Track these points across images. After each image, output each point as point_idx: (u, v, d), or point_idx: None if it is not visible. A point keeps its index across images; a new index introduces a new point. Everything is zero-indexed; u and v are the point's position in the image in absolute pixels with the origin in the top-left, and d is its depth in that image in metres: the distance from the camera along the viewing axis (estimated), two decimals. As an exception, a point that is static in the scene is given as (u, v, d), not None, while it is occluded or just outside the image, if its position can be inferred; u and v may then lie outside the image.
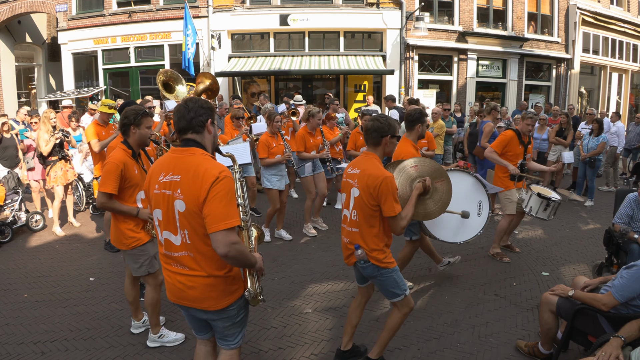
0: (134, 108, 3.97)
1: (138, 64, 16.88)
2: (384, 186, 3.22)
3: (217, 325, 2.72)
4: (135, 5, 16.40)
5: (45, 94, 17.75)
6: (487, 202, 5.24)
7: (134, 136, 3.91)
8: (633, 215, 5.05)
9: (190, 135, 2.57)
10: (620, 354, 2.85)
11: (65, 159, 7.43)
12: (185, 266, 2.57)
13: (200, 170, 2.43)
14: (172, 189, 2.50)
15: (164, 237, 2.62)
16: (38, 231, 7.50)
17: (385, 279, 3.46)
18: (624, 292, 3.27)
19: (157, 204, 2.60)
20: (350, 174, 3.50)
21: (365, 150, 3.57)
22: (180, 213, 2.49)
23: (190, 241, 2.51)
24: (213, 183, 2.38)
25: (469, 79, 16.85)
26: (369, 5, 15.78)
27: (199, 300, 2.59)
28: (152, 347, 4.12)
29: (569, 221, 8.27)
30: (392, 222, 3.35)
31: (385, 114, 4.35)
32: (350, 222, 3.49)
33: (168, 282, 2.69)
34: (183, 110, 2.57)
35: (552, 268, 6.06)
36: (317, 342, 4.25)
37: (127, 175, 3.80)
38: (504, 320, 4.66)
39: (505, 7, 17.15)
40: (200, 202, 2.40)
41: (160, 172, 2.58)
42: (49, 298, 5.13)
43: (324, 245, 6.77)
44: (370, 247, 3.39)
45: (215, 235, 2.35)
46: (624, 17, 19.07)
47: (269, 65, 15.09)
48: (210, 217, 2.36)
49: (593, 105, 19.06)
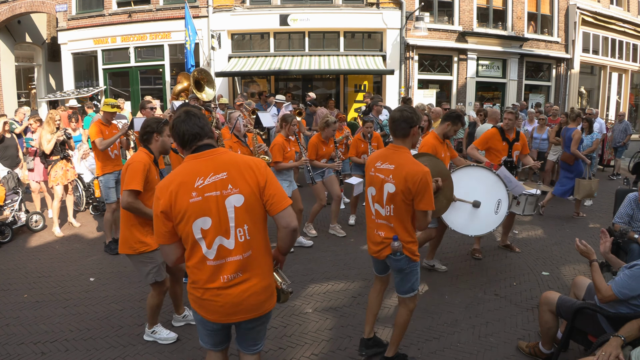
0: (155, 118, 4.24)
1: (138, 64, 16.86)
2: (424, 181, 3.25)
3: (255, 331, 2.73)
4: (135, 5, 16.38)
5: (45, 94, 17.75)
6: (506, 201, 5.30)
7: (156, 143, 4.05)
8: (633, 215, 5.05)
9: (207, 141, 2.59)
10: (621, 354, 2.85)
11: (66, 159, 7.46)
12: (240, 272, 2.53)
13: (248, 161, 2.57)
14: (219, 188, 2.47)
15: (215, 246, 2.49)
16: (38, 231, 7.50)
17: (411, 272, 3.56)
18: (624, 289, 3.28)
19: (200, 212, 2.46)
20: (381, 169, 3.46)
21: (393, 144, 3.53)
22: (237, 208, 2.49)
23: (250, 236, 2.54)
24: (266, 168, 2.57)
25: (469, 78, 16.84)
26: (369, 5, 15.78)
27: (256, 306, 2.59)
28: (148, 341, 4.21)
29: (569, 221, 8.27)
30: (423, 216, 3.39)
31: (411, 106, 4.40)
32: (384, 216, 3.49)
33: (217, 303, 2.54)
34: (193, 119, 2.58)
35: (552, 268, 6.06)
36: (317, 342, 4.25)
37: (150, 177, 3.88)
38: (504, 320, 4.66)
39: (505, 7, 17.15)
40: (262, 187, 2.52)
41: (194, 179, 2.47)
42: (49, 298, 5.13)
43: (323, 245, 6.77)
44: (405, 240, 3.45)
45: (287, 211, 2.54)
46: (623, 17, 19.07)
47: (269, 65, 15.08)
48: (277, 196, 2.54)
49: (593, 105, 19.06)
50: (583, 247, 3.71)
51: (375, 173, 3.51)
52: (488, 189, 5.32)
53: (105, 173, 6.53)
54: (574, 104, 17.81)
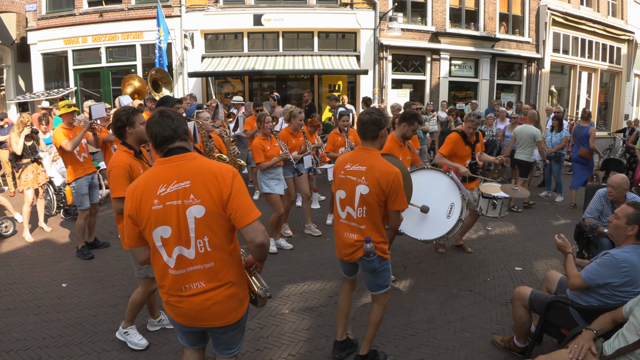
0: (123, 109, 3.98)
1: (109, 64, 16.56)
2: (397, 182, 3.31)
3: (227, 337, 2.66)
4: (107, 4, 16.11)
5: (15, 96, 17.31)
6: (459, 206, 5.22)
7: (131, 136, 3.92)
8: (602, 210, 5.18)
9: (179, 143, 2.49)
10: (593, 346, 2.92)
11: (37, 162, 7.32)
12: (202, 281, 2.46)
13: (214, 169, 2.42)
14: (181, 197, 2.38)
15: (174, 255, 2.44)
16: (8, 237, 7.32)
17: (383, 270, 3.59)
18: (591, 274, 3.36)
19: (160, 220, 2.41)
20: (352, 171, 3.47)
21: (362, 146, 3.56)
22: (197, 220, 2.38)
23: (212, 248, 2.43)
24: (233, 179, 2.41)
25: (442, 78, 17.02)
26: (343, 5, 15.82)
27: (221, 315, 2.52)
28: (123, 347, 4.14)
29: (540, 217, 8.44)
30: (396, 216, 3.45)
31: (377, 107, 4.41)
32: (356, 219, 3.50)
33: (181, 309, 2.52)
34: (166, 120, 2.47)
35: (525, 263, 6.17)
36: (294, 342, 4.25)
37: (134, 175, 3.75)
38: (479, 316, 4.74)
39: (477, 8, 17.39)
40: (224, 200, 2.38)
41: (157, 185, 2.41)
42: (20, 305, 5.01)
43: (299, 245, 6.76)
44: (377, 240, 3.49)
45: (252, 226, 2.38)
46: (593, 17, 19.48)
47: (242, 65, 14.99)
48: (241, 209, 2.38)
49: (563, 104, 19.46)
50: (561, 240, 3.79)
51: (346, 175, 3.52)
52: (442, 192, 5.27)
53: (77, 178, 6.37)
54: (544, 102, 18.14)
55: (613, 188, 4.96)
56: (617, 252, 3.33)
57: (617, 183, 4.93)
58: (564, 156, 9.92)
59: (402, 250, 6.59)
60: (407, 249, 6.65)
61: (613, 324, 3.12)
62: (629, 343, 2.77)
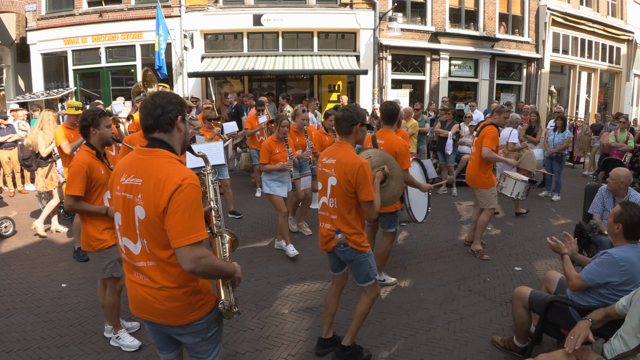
0: (92, 109, 4.06)
1: (109, 64, 16.60)
2: (362, 172, 3.38)
3: (186, 340, 2.48)
4: (106, 4, 16.13)
5: (14, 96, 17.31)
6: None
7: (94, 137, 3.99)
8: (605, 205, 5.29)
9: (157, 135, 2.32)
10: (590, 334, 2.92)
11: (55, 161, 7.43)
12: (146, 276, 2.32)
13: (162, 176, 2.17)
14: (133, 193, 2.25)
15: (123, 243, 2.38)
16: (8, 237, 7.31)
17: (360, 262, 3.63)
18: (591, 275, 3.37)
19: (117, 206, 2.36)
20: (325, 164, 3.65)
21: (338, 141, 3.72)
22: (140, 220, 2.24)
23: (150, 251, 2.27)
24: (175, 191, 2.12)
25: (442, 78, 17.04)
26: (343, 5, 15.84)
27: (161, 314, 2.36)
28: (114, 346, 4.16)
29: (540, 217, 8.44)
30: (368, 207, 3.48)
31: (354, 104, 4.44)
32: (329, 209, 3.63)
33: (130, 293, 2.44)
34: (150, 106, 2.30)
35: (525, 263, 6.17)
36: (294, 342, 4.25)
37: (93, 176, 3.84)
38: (479, 315, 4.74)
39: (477, 8, 17.41)
40: (160, 212, 2.15)
41: (122, 173, 2.33)
42: (20, 306, 5.00)
43: (299, 245, 6.75)
44: (347, 232, 3.55)
45: (179, 251, 2.11)
46: (593, 17, 19.51)
47: (242, 65, 15.01)
48: (172, 231, 2.12)
49: (563, 104, 19.47)
50: (553, 243, 3.82)
51: (322, 168, 3.71)
52: (416, 174, 5.35)
53: None
54: (544, 102, 18.17)
55: (612, 179, 5.10)
56: (615, 251, 3.36)
57: (616, 174, 5.07)
58: (565, 156, 9.91)
59: (402, 250, 6.59)
60: (407, 249, 6.66)
61: (607, 318, 3.15)
62: (630, 348, 2.77)
